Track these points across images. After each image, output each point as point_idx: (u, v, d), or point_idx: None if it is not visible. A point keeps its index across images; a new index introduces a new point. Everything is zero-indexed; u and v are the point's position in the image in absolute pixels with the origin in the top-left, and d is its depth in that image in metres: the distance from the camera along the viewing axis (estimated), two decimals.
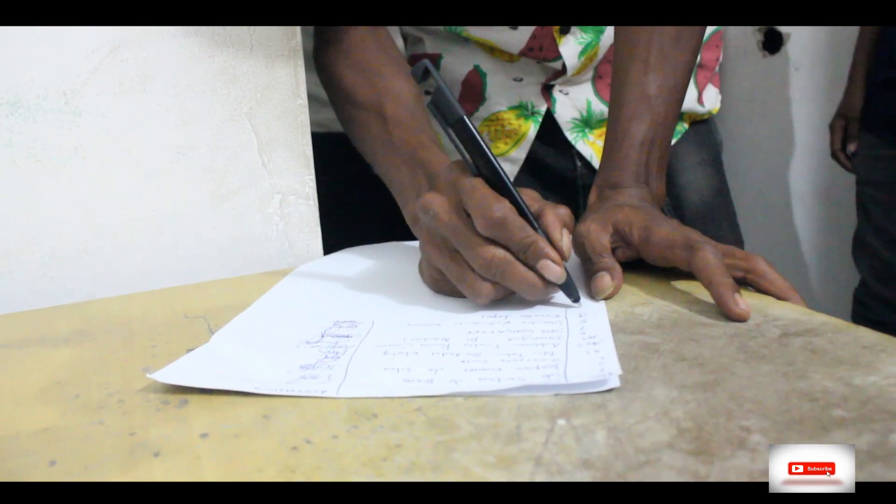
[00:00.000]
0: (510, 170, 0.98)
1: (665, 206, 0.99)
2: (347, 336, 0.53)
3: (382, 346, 0.50)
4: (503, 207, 0.52)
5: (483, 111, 0.97)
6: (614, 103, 0.70)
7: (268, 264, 0.77)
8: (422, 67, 0.55)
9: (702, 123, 1.03)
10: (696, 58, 0.73)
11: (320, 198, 0.79)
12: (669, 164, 0.99)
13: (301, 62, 0.76)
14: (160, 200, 0.74)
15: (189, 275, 0.75)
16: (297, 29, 0.75)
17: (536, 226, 0.55)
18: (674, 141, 0.99)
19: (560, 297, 0.57)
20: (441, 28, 0.95)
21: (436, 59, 0.98)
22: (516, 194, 0.55)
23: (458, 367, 0.46)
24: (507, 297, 0.57)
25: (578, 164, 0.97)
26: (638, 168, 0.68)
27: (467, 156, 0.55)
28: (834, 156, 1.69)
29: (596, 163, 0.95)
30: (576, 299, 0.56)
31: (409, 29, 1.00)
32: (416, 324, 0.55)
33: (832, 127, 1.68)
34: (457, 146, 0.55)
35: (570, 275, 0.56)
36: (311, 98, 0.89)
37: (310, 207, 0.78)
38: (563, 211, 0.56)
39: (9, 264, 0.70)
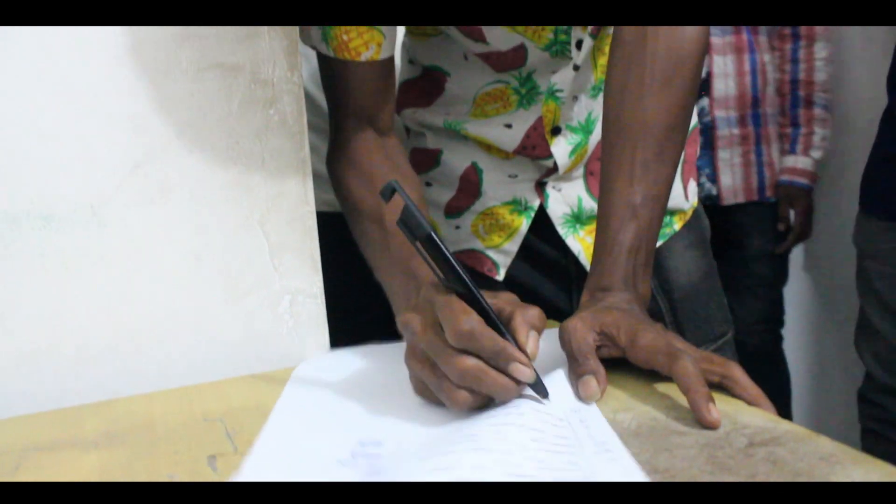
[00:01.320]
0: (504, 261, 1.04)
1: (654, 289, 1.04)
2: (378, 455, 0.56)
3: (417, 455, 0.54)
4: (471, 320, 0.58)
5: (479, 205, 1.03)
6: (602, 213, 0.76)
7: (278, 360, 0.83)
8: (389, 188, 0.60)
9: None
10: (677, 169, 0.79)
11: (326, 278, 0.84)
12: (659, 249, 1.04)
13: (309, 171, 0.82)
14: (178, 302, 0.79)
15: (206, 372, 0.80)
16: (306, 141, 0.82)
17: (504, 331, 0.60)
18: (663, 242, 1.04)
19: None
20: (441, 125, 1.02)
21: (436, 154, 1.04)
22: (485, 304, 0.60)
23: (497, 462, 0.50)
24: (485, 403, 0.61)
25: (570, 253, 1.03)
26: (626, 273, 0.73)
27: (437, 270, 0.61)
28: None
29: (584, 259, 1.01)
30: (545, 396, 0.61)
31: (411, 123, 1.07)
32: (438, 427, 0.59)
33: None
34: (426, 261, 0.61)
35: (539, 374, 0.61)
36: (320, 177, 0.95)
37: (318, 306, 0.84)
38: (532, 313, 0.61)
39: (38, 363, 0.76)
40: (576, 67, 0.93)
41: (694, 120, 1.08)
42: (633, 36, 0.78)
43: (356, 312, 1.07)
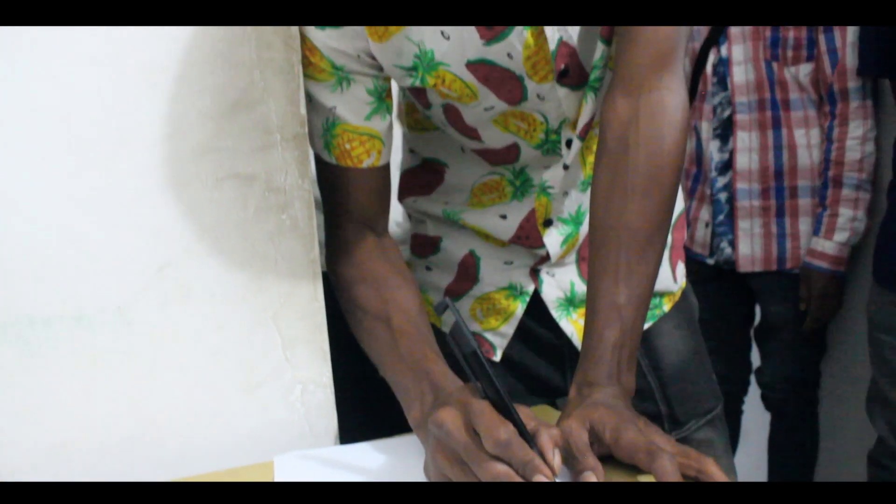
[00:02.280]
0: (500, 342, 1.10)
1: (645, 368, 1.10)
2: None
3: None
4: (508, 431, 0.64)
5: (476, 290, 1.09)
6: (589, 311, 0.83)
7: (290, 445, 0.89)
8: (443, 305, 0.67)
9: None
10: (659, 267, 0.85)
11: (332, 348, 0.90)
12: (648, 330, 1.11)
13: (319, 271, 0.89)
14: (198, 394, 0.85)
15: (223, 459, 0.86)
16: (316, 243, 0.88)
17: (532, 443, 0.66)
18: (652, 324, 1.11)
19: None
20: (440, 214, 1.08)
21: (436, 242, 1.11)
22: (517, 417, 0.66)
23: None
24: None
25: (563, 335, 1.09)
26: (611, 368, 0.80)
27: (478, 382, 0.68)
28: None
29: (576, 341, 1.07)
30: None
31: (412, 211, 1.14)
32: None
33: None
34: (468, 373, 0.68)
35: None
36: None
37: (327, 395, 0.90)
38: (555, 432, 0.67)
39: (67, 453, 0.82)
40: (565, 167, 1.00)
41: (680, 206, 1.15)
42: (616, 144, 0.85)
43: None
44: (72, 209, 0.80)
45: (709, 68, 1.75)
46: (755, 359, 1.96)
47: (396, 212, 1.17)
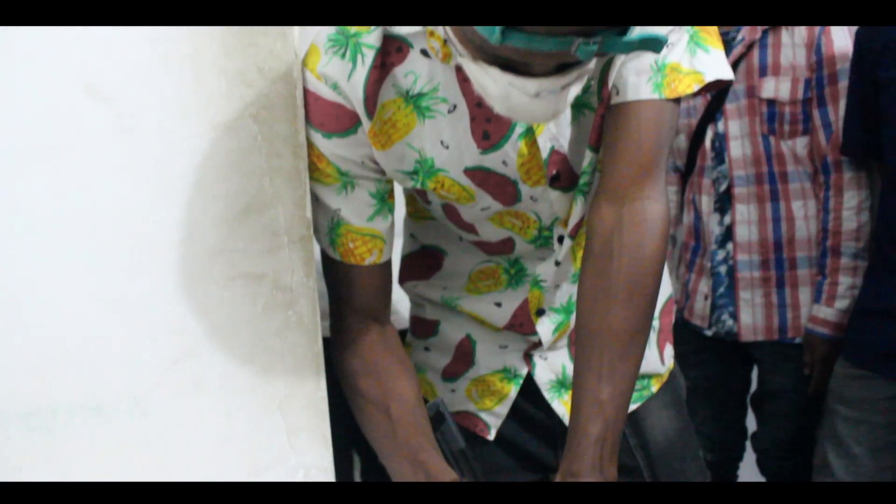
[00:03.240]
0: (495, 422, 1.15)
1: (633, 447, 1.15)
2: None
3: None
4: None
5: (472, 373, 1.15)
6: (574, 407, 0.88)
7: None
8: (434, 407, 0.74)
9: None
10: (640, 365, 0.91)
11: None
12: (636, 410, 1.16)
13: (322, 363, 0.95)
14: (207, 478, 0.91)
15: None
16: (319, 337, 0.95)
17: None
18: (640, 404, 1.16)
19: None
20: (438, 300, 1.15)
21: (435, 325, 1.17)
22: None
23: None
24: None
25: (555, 415, 1.14)
26: (593, 460, 0.85)
27: (464, 474, 0.74)
28: None
29: (567, 421, 1.12)
30: None
31: (412, 295, 1.20)
32: None
33: None
34: (454, 466, 0.73)
35: None
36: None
37: (328, 478, 0.95)
38: None
39: None
40: (557, 263, 1.06)
41: (668, 291, 1.20)
42: (601, 250, 0.91)
43: None
44: (93, 306, 0.87)
45: (707, 143, 1.81)
46: (750, 424, 1.99)
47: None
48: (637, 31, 0.70)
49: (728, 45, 1.79)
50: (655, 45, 0.69)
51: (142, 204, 0.88)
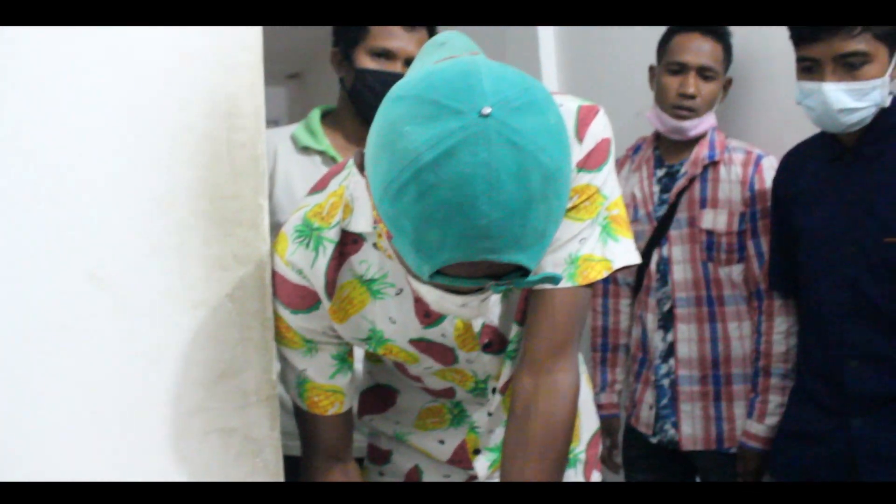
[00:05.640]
0: None
1: None
2: None
3: None
4: None
5: None
6: None
7: None
8: None
9: None
10: None
11: None
12: None
13: None
14: None
15: None
16: (282, 477, 1.10)
17: None
18: None
19: None
20: (391, 433, 1.31)
21: (388, 454, 1.33)
22: None
23: None
24: None
25: None
26: None
27: None
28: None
29: None
30: None
31: (368, 428, 1.36)
32: None
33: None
34: None
35: None
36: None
37: None
38: None
39: None
40: (489, 414, 1.22)
41: (595, 425, 1.36)
42: (521, 413, 1.07)
43: None
44: (87, 464, 1.03)
45: (652, 266, 1.99)
46: None
47: None
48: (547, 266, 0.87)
49: (672, 178, 1.98)
50: (552, 280, 0.85)
51: (134, 372, 1.04)
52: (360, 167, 0.89)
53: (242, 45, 1.11)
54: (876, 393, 1.54)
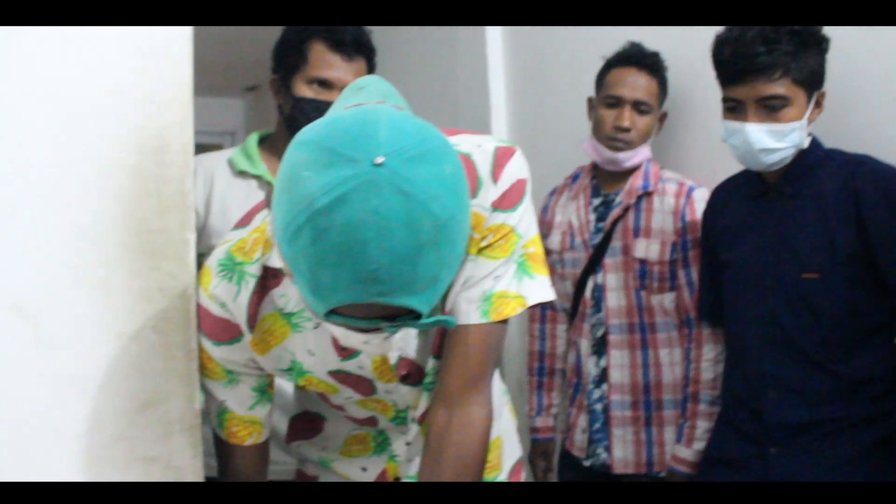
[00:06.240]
0: None
1: None
2: None
3: None
4: None
5: None
6: None
7: None
8: None
9: None
10: None
11: None
12: None
13: None
14: None
15: None
16: None
17: None
18: None
19: None
20: (317, 459, 1.34)
21: (314, 479, 1.36)
22: None
23: None
24: None
25: None
26: None
27: None
28: None
29: None
30: None
31: (296, 454, 1.39)
32: None
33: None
34: None
35: None
36: None
37: None
38: None
39: None
40: (408, 443, 1.26)
41: (517, 454, 1.40)
42: (436, 444, 1.11)
43: None
44: (8, 493, 1.05)
45: (587, 293, 2.04)
46: None
47: None
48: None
49: (608, 207, 2.04)
50: (446, 323, 0.90)
51: (57, 402, 1.06)
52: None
53: (174, 82, 1.15)
54: (792, 423, 1.60)
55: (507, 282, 1.12)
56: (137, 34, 1.12)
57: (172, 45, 1.15)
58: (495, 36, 2.79)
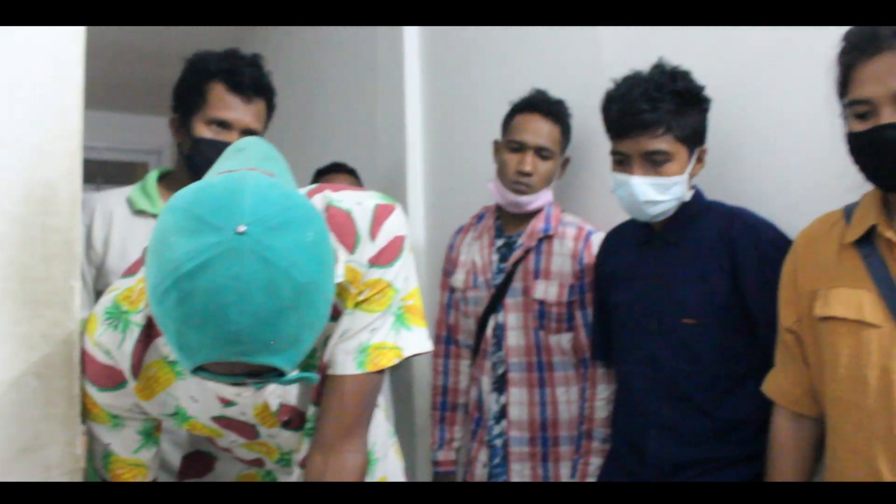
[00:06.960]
0: None
1: None
2: None
3: None
4: None
5: None
6: None
7: None
8: None
9: None
10: None
11: None
12: None
13: None
14: None
15: None
16: None
17: None
18: None
19: None
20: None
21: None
22: None
23: None
24: None
25: None
26: None
27: None
28: None
29: None
30: None
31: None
32: None
33: None
34: None
35: None
36: None
37: None
38: None
39: None
40: None
41: None
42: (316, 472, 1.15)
43: None
44: None
45: (489, 331, 2.10)
46: None
47: None
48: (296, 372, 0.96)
49: (511, 248, 2.11)
50: (308, 380, 0.95)
51: None
52: None
53: (62, 133, 1.18)
54: (672, 461, 1.68)
55: (384, 334, 1.17)
56: (26, 84, 1.15)
57: (62, 95, 1.18)
58: (413, 71, 2.85)
